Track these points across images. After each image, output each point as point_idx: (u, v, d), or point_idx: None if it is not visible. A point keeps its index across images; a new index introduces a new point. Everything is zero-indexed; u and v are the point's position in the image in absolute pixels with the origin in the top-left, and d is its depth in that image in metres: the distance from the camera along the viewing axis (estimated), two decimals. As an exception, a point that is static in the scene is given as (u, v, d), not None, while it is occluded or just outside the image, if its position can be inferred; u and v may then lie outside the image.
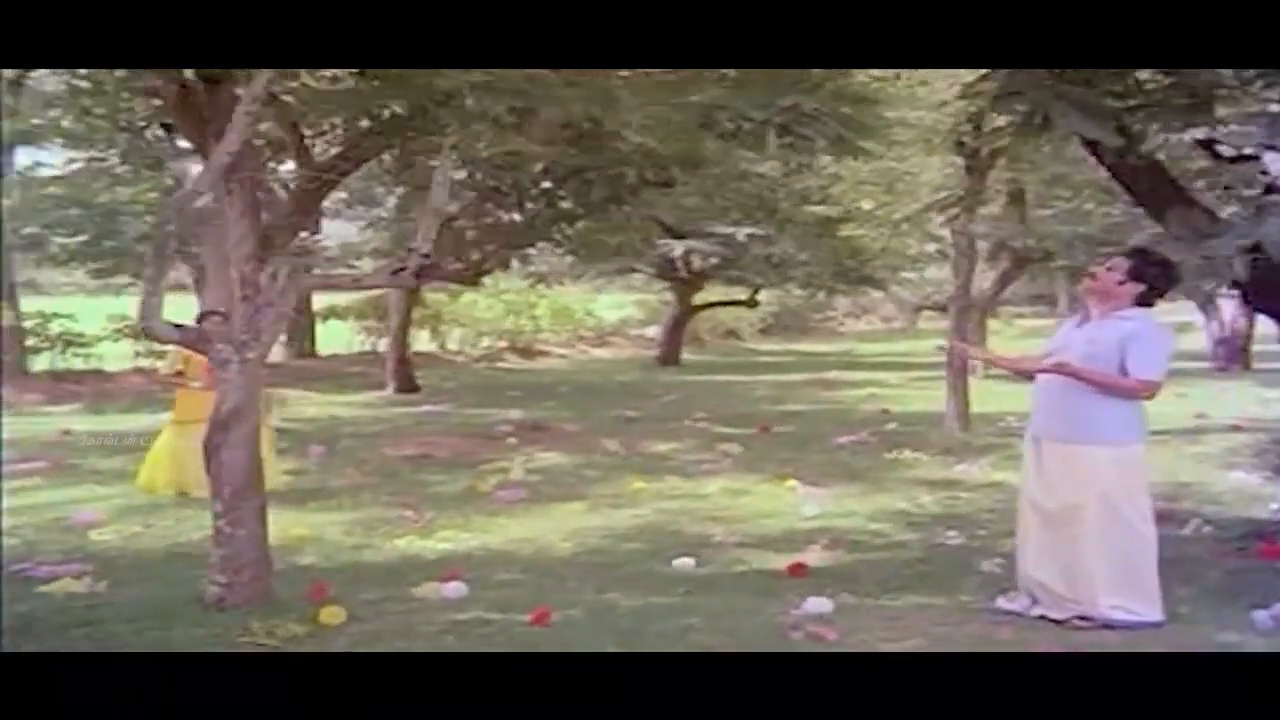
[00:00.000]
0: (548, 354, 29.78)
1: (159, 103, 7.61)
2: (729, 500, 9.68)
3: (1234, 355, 22.65)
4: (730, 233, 22.23)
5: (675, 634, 5.34)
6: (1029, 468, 5.75)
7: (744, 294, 29.20)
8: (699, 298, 28.32)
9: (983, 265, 21.55)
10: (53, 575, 6.67)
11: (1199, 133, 6.03)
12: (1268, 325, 19.02)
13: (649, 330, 33.32)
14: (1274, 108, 6.15)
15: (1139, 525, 5.48)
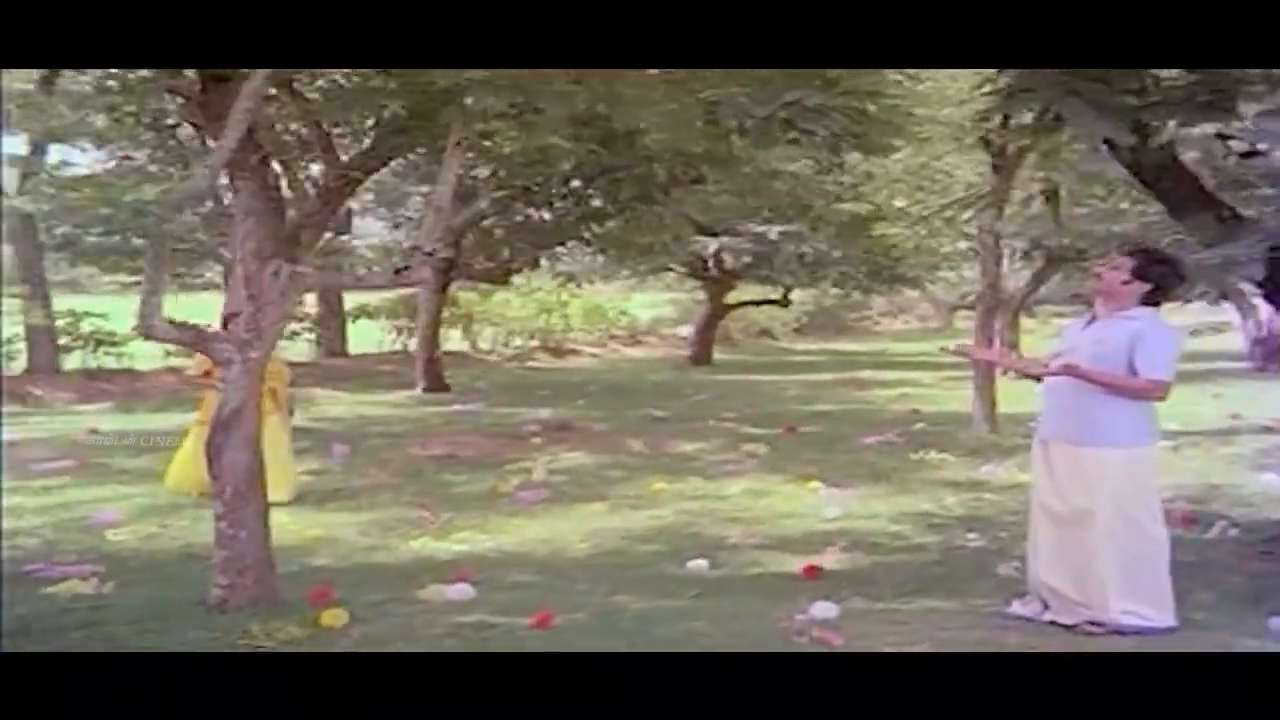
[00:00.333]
0: (579, 353, 29.74)
1: (184, 101, 7.63)
2: (750, 501, 9.60)
3: (1271, 355, 22.30)
4: (762, 231, 22.20)
5: (680, 637, 5.27)
6: (1038, 471, 5.66)
7: (776, 294, 29.08)
8: (732, 297, 28.23)
9: (1019, 264, 21.45)
10: (64, 576, 6.67)
11: (1210, 128, 5.90)
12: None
13: (682, 330, 33.21)
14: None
15: (1150, 528, 5.38)
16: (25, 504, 9.14)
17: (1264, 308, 22.09)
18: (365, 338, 26.35)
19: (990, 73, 6.34)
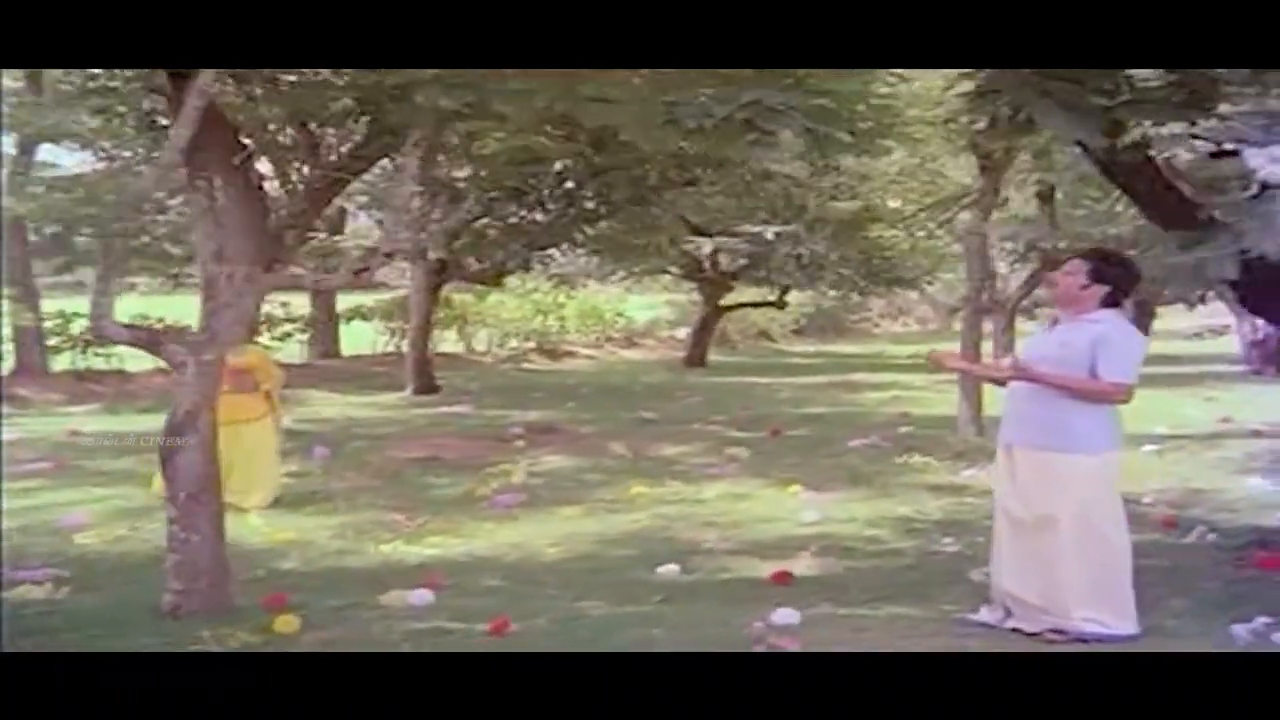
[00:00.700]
0: (575, 355, 29.64)
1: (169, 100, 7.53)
2: (728, 506, 9.52)
3: (1269, 358, 22.16)
4: (758, 231, 22.10)
5: (638, 644, 5.20)
6: (1001, 476, 5.57)
7: (773, 295, 28.98)
8: (729, 298, 28.12)
9: (1017, 266, 21.29)
10: (14, 581, 6.57)
11: (1177, 128, 5.82)
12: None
13: (679, 331, 33.11)
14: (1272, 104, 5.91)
15: (1113, 535, 5.29)
16: (-3, 507, 9.07)
17: (1261, 309, 21.95)
18: (359, 339, 26.27)
19: (957, 74, 6.26)
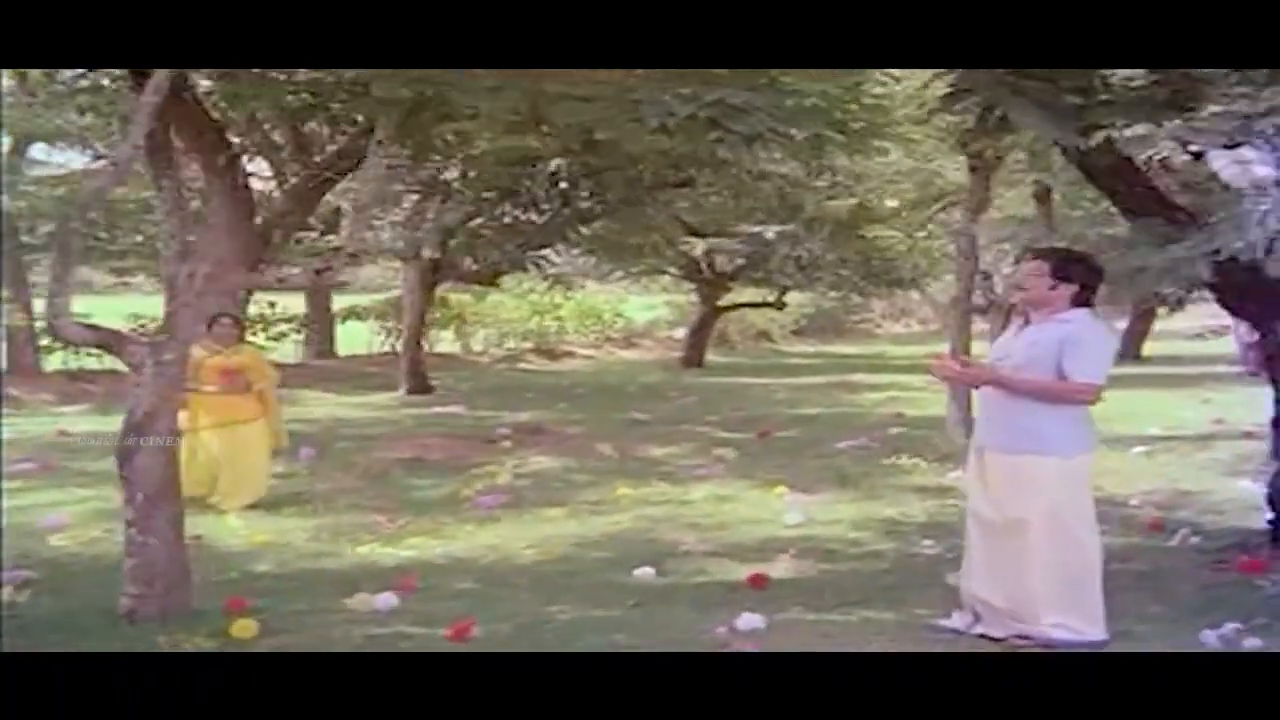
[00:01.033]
0: (573, 355, 29.56)
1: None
2: (712, 508, 9.43)
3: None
4: (756, 231, 22.01)
5: (602, 649, 5.14)
6: (973, 479, 5.50)
7: (772, 296, 28.88)
8: (728, 299, 28.03)
9: (1015, 267, 21.18)
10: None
11: (1143, 129, 5.73)
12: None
13: (678, 331, 33.01)
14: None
15: (1085, 540, 5.22)
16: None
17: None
18: (355, 339, 26.23)
19: (932, 73, 6.20)
